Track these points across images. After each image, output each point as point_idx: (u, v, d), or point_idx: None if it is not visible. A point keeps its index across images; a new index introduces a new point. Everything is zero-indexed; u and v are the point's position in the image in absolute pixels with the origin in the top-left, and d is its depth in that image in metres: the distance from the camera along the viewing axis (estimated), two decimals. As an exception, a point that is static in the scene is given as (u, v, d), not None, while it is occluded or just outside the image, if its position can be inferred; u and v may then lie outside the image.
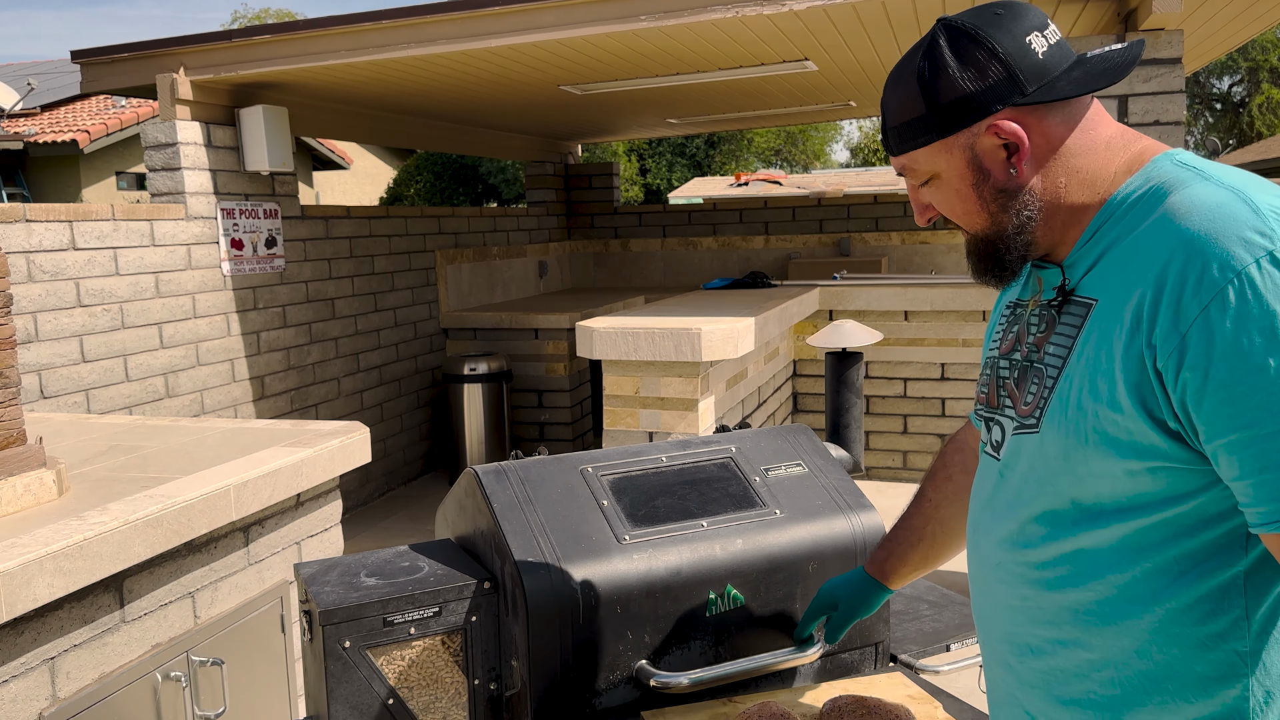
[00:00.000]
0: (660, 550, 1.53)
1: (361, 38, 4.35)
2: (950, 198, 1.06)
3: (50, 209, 3.99)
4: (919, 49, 1.04)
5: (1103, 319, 0.96)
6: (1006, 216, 1.03)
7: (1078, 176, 1.01)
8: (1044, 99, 0.99)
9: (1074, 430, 0.97)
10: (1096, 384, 0.94)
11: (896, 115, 1.06)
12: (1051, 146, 1.01)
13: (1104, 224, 1.00)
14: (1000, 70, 0.99)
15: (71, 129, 11.44)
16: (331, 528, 2.76)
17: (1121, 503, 0.96)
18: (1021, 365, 1.08)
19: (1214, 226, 0.88)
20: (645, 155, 18.27)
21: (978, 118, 1.00)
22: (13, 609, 1.73)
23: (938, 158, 1.04)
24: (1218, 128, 25.00)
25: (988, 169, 1.02)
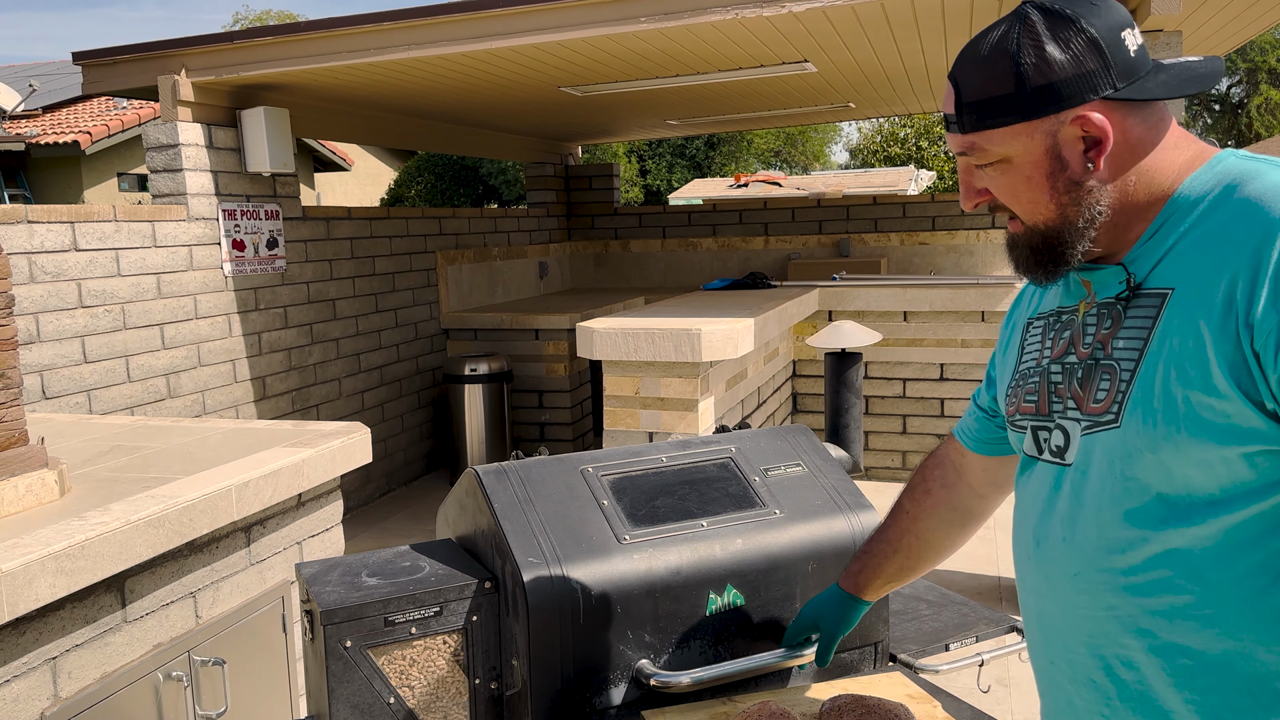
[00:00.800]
0: (660, 550, 1.53)
1: (362, 39, 4.36)
2: (1018, 185, 1.03)
3: (52, 210, 4.00)
4: (1008, 26, 1.00)
5: (1184, 305, 0.94)
6: (1076, 210, 1.01)
7: (1146, 175, 1.00)
8: (1134, 96, 0.97)
9: (1163, 418, 0.94)
10: (1186, 369, 0.92)
11: (976, 91, 1.02)
12: (1128, 145, 1.00)
13: (1169, 219, 0.99)
14: (1096, 60, 0.97)
15: (73, 130, 11.45)
16: (332, 528, 2.76)
17: (1215, 495, 0.93)
18: (1086, 365, 1.05)
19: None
20: (645, 156, 18.27)
21: (1068, 105, 0.98)
22: (14, 609, 1.73)
23: (1015, 141, 1.01)
24: (1216, 129, 25.00)
25: (1066, 159, 1.00)
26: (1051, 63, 0.97)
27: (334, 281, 5.80)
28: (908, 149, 18.23)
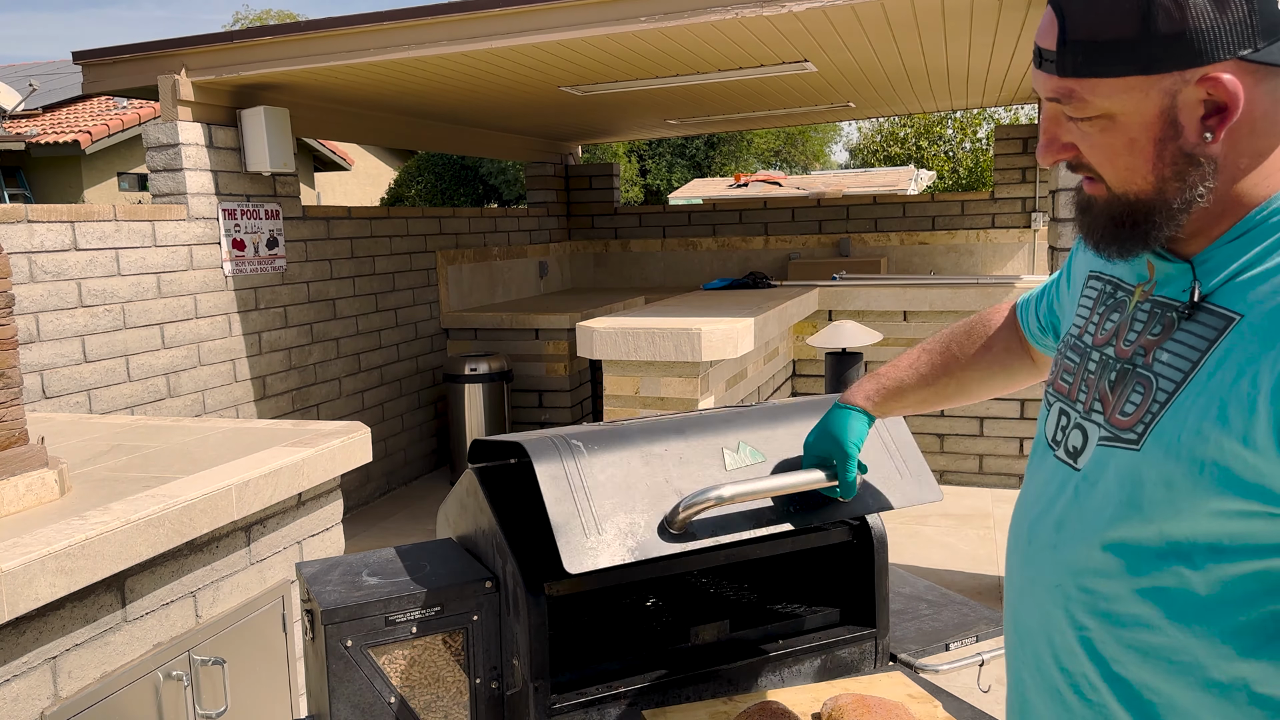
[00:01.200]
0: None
1: (363, 39, 4.36)
2: (1116, 146, 0.87)
3: (52, 209, 4.00)
4: None
5: (1250, 340, 0.81)
6: (1177, 187, 0.86)
7: (1258, 161, 0.85)
8: (1275, 60, 0.81)
9: (1187, 457, 0.83)
10: (1228, 412, 0.81)
11: (1089, 28, 0.84)
12: (1251, 120, 0.83)
13: (1258, 227, 0.86)
14: (1242, 10, 0.80)
15: (73, 130, 11.45)
16: (333, 527, 2.76)
17: (1220, 544, 0.83)
18: (1122, 367, 0.94)
19: None
20: (645, 156, 18.28)
21: (1198, 62, 0.81)
22: (14, 608, 1.73)
23: (1126, 96, 0.85)
24: (1218, 128, 24.98)
25: (1181, 125, 0.84)
26: (1190, 6, 0.80)
27: (334, 281, 5.80)
28: (908, 149, 18.24)
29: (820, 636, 1.67)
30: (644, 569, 1.58)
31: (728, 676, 1.59)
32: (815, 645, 1.65)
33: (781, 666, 1.63)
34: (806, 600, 1.78)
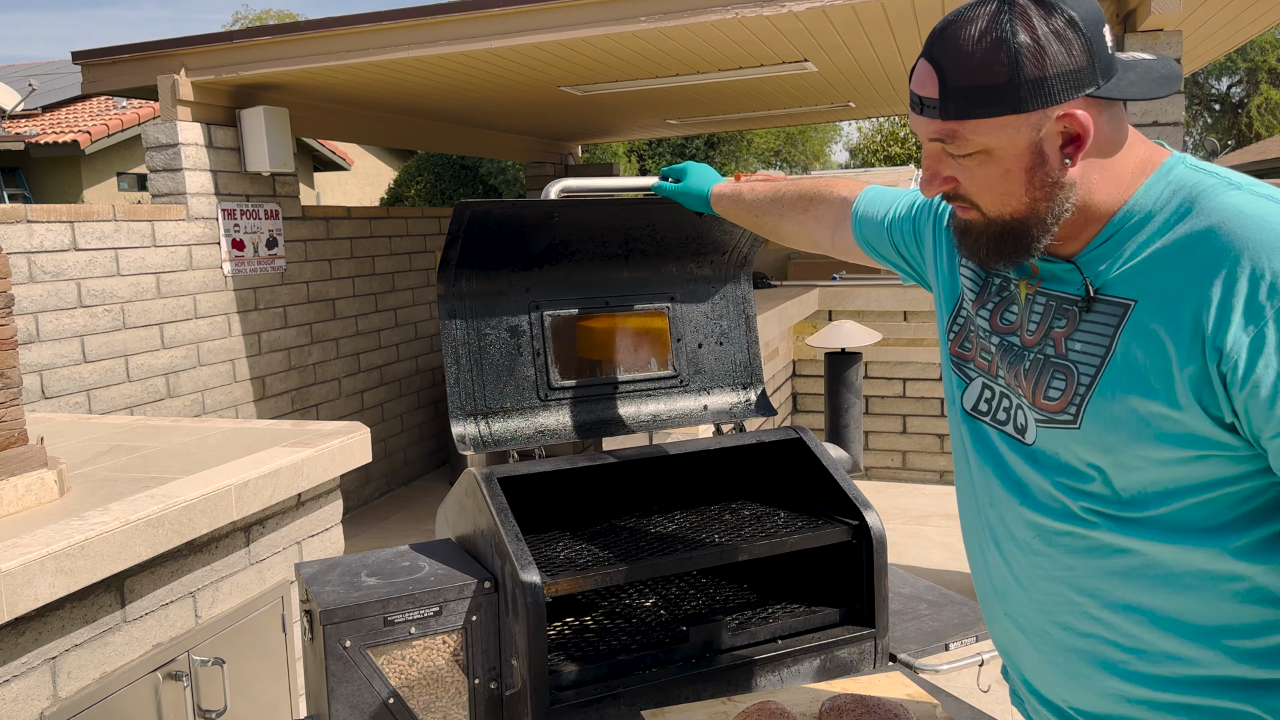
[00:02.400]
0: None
1: (362, 39, 4.35)
2: (993, 176, 1.02)
3: (51, 210, 4.00)
4: (1000, 10, 0.97)
5: (1147, 319, 0.97)
6: (1046, 206, 1.01)
7: (1106, 175, 1.01)
8: (1114, 95, 0.98)
9: (1125, 425, 0.98)
10: (1151, 382, 0.96)
11: (965, 77, 0.98)
12: (1099, 143, 1.00)
13: (1124, 226, 1.01)
14: (1086, 55, 0.96)
15: (73, 130, 11.45)
16: (332, 528, 2.76)
17: (1170, 489, 0.98)
18: (1035, 356, 1.08)
19: (1265, 232, 0.91)
20: (645, 156, 18.27)
21: (1058, 100, 0.96)
22: (14, 609, 1.73)
23: (1001, 133, 0.99)
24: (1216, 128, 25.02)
25: (1046, 154, 0.99)
26: (1047, 54, 0.95)
27: (334, 281, 5.80)
28: (908, 148, 18.23)
29: (820, 636, 1.67)
30: (643, 568, 1.58)
31: (727, 676, 1.59)
32: (815, 645, 1.65)
33: (781, 666, 1.63)
34: (806, 600, 1.78)
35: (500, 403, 1.71)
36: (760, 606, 1.78)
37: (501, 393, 1.71)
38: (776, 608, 1.76)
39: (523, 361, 1.74)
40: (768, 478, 1.97)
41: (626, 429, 1.81)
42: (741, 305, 1.95)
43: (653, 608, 1.83)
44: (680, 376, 1.88)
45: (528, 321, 1.74)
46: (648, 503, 1.97)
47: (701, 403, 1.89)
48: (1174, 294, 0.95)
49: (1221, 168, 1.01)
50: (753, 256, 1.97)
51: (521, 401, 1.73)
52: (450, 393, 1.67)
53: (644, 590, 1.91)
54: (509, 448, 1.70)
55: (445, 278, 1.67)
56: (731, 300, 1.94)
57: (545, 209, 1.68)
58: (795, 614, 1.72)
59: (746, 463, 2.00)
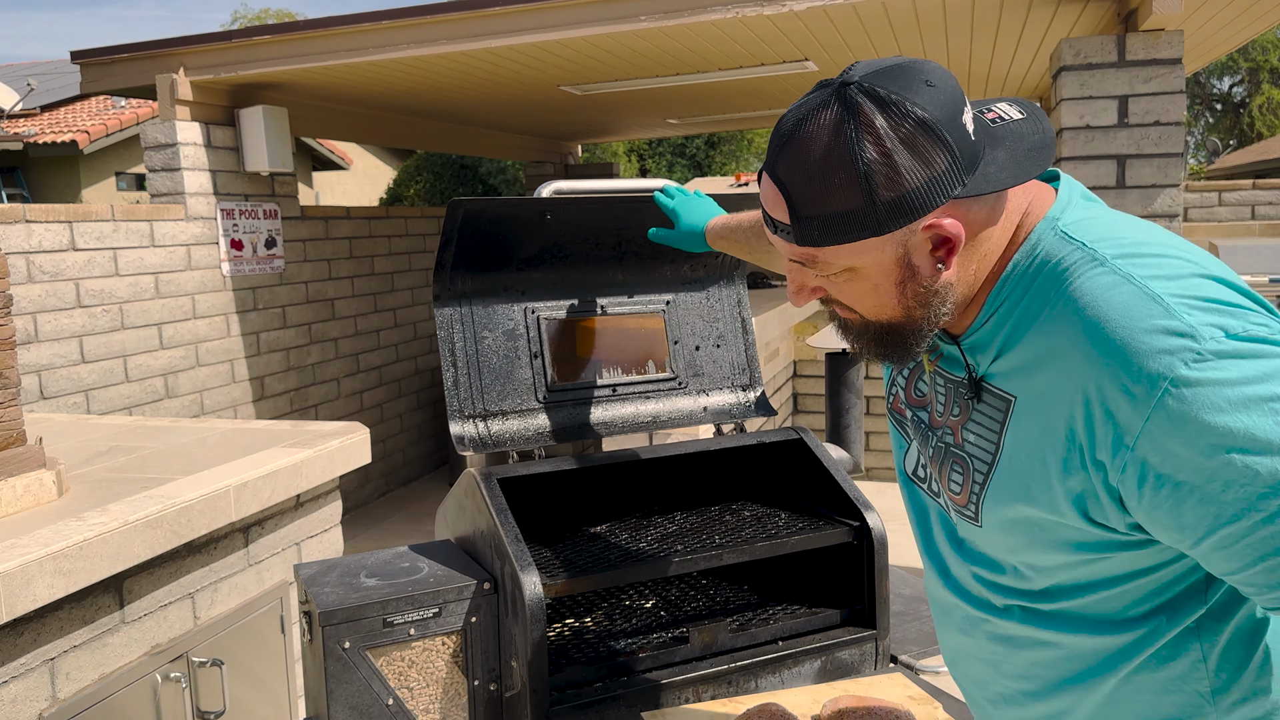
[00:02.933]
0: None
1: (361, 38, 4.35)
2: (862, 291, 0.94)
3: (50, 209, 3.99)
4: (839, 122, 0.86)
5: (1026, 421, 0.91)
6: (922, 312, 0.93)
7: (985, 260, 0.93)
8: (982, 191, 0.88)
9: (1019, 529, 0.94)
10: (1032, 490, 0.90)
11: (815, 205, 0.88)
12: (974, 235, 0.91)
13: (1001, 305, 0.93)
14: (945, 159, 0.86)
15: (71, 129, 11.44)
16: (331, 528, 2.76)
17: (1083, 583, 0.94)
18: (938, 444, 1.03)
19: (1130, 335, 0.82)
20: (645, 155, 18.27)
21: (920, 214, 0.87)
22: (13, 610, 1.73)
23: (864, 254, 0.90)
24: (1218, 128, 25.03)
25: (916, 266, 0.91)
26: (901, 171, 0.85)
27: (333, 281, 5.79)
28: (907, 148, 18.22)
29: (821, 638, 1.66)
30: (644, 569, 1.58)
31: (728, 678, 1.58)
32: (815, 646, 1.65)
33: (781, 668, 1.62)
34: (807, 602, 1.77)
35: (499, 404, 1.71)
36: (761, 608, 1.77)
37: (500, 394, 1.71)
38: (777, 609, 1.76)
39: (520, 363, 1.73)
40: (768, 478, 1.97)
41: (626, 430, 1.80)
42: (737, 308, 1.94)
43: (653, 609, 1.82)
44: (679, 379, 1.87)
45: (524, 324, 1.74)
46: (648, 503, 1.96)
47: (701, 404, 1.89)
48: (1048, 397, 0.88)
49: (1102, 224, 0.92)
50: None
51: (520, 403, 1.72)
52: (448, 394, 1.67)
53: (644, 591, 1.91)
54: (508, 448, 1.69)
55: (441, 279, 1.67)
56: (727, 303, 1.94)
57: (538, 207, 1.68)
58: (796, 615, 1.71)
59: (747, 463, 1.99)
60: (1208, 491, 0.81)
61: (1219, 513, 0.81)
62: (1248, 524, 0.80)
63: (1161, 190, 3.59)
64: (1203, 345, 0.80)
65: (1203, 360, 0.80)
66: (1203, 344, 0.80)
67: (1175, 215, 3.59)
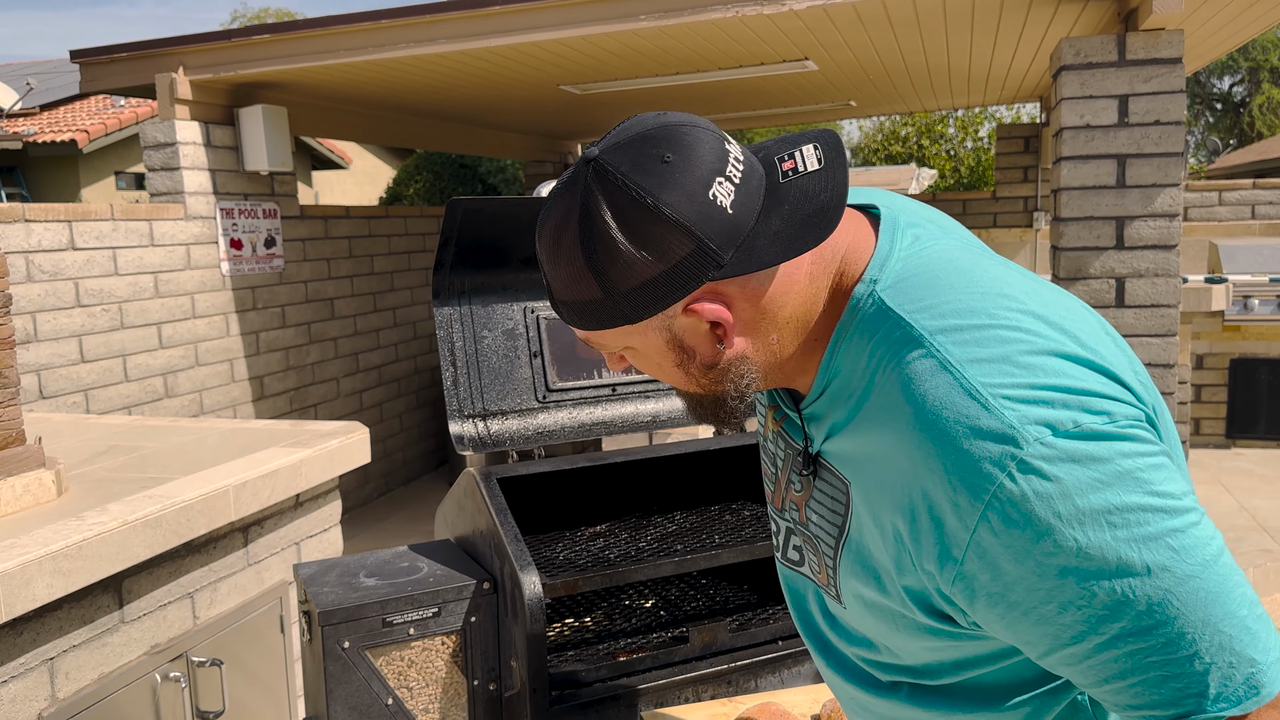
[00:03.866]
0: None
1: (361, 37, 4.35)
2: (650, 367, 0.89)
3: (49, 209, 3.99)
4: (569, 218, 0.81)
5: (860, 513, 0.84)
6: (722, 386, 0.87)
7: (790, 327, 0.85)
8: (746, 270, 0.80)
9: (876, 614, 0.87)
10: (878, 577, 0.84)
11: (566, 292, 0.83)
12: (758, 308, 0.83)
13: (830, 384, 0.86)
14: (687, 244, 0.78)
15: (70, 129, 11.43)
16: (331, 528, 2.76)
17: (958, 660, 0.87)
18: (787, 518, 0.97)
19: (948, 440, 0.74)
20: (645, 155, 18.24)
21: (670, 302, 0.81)
22: (12, 609, 1.72)
23: (630, 338, 0.85)
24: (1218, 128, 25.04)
25: (691, 347, 0.85)
26: (633, 265, 0.79)
27: (332, 281, 5.79)
28: (909, 147, 18.24)
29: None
30: (644, 569, 1.57)
31: (727, 678, 1.58)
32: (815, 646, 1.64)
33: (781, 667, 1.62)
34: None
35: (498, 404, 1.70)
36: (760, 607, 1.77)
37: (499, 394, 1.71)
38: (777, 609, 1.76)
39: (520, 363, 1.73)
40: (768, 478, 1.96)
41: (626, 430, 1.80)
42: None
43: (653, 609, 1.82)
44: (680, 376, 1.87)
45: (524, 323, 1.74)
46: (648, 503, 1.96)
47: (701, 403, 1.88)
48: (875, 495, 0.81)
49: (914, 285, 0.82)
50: None
51: (520, 402, 1.72)
52: (448, 394, 1.66)
53: (644, 591, 1.91)
54: (508, 448, 1.69)
55: (440, 279, 1.66)
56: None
57: (537, 207, 1.68)
58: (796, 615, 1.71)
59: (747, 463, 1.99)
60: (1042, 614, 0.74)
61: (1057, 634, 0.75)
62: (1087, 647, 0.74)
63: (1161, 190, 3.59)
64: (1026, 451, 0.72)
65: (1027, 469, 0.72)
66: (1026, 448, 0.72)
67: (1175, 215, 3.59)
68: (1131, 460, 0.73)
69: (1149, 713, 0.75)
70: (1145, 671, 0.73)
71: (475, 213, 1.61)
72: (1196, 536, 0.73)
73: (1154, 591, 0.71)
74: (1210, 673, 0.72)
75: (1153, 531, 0.72)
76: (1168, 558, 0.71)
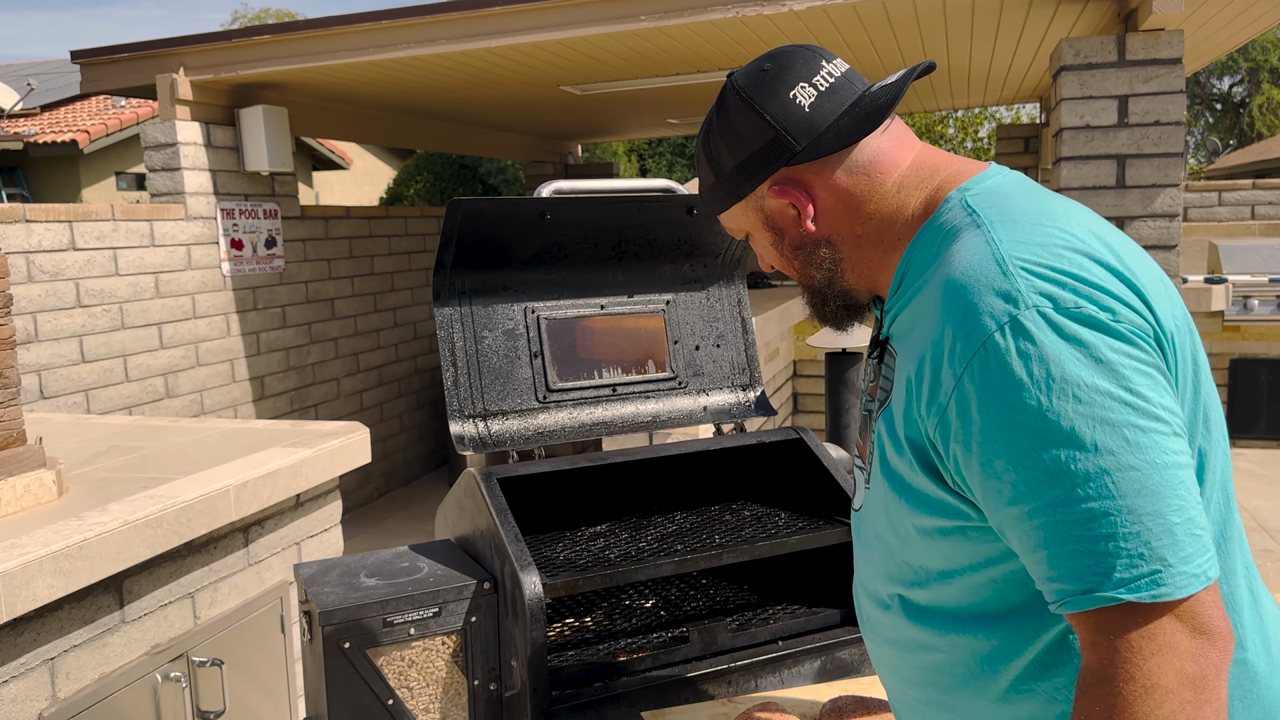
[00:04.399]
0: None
1: (361, 38, 4.35)
2: (765, 253, 1.08)
3: (50, 209, 3.99)
4: (707, 119, 1.05)
5: (900, 377, 0.92)
6: (812, 270, 1.03)
7: (874, 224, 0.98)
8: (812, 157, 0.97)
9: (888, 484, 0.94)
10: (899, 439, 0.91)
11: (700, 182, 1.08)
12: (839, 198, 0.98)
13: (907, 271, 0.96)
14: (766, 133, 0.97)
15: (71, 129, 11.44)
16: (331, 528, 2.76)
17: (943, 565, 0.92)
18: (862, 411, 1.07)
19: (965, 291, 0.83)
20: (645, 155, 18.27)
21: (757, 182, 1.00)
22: (13, 609, 1.73)
23: (741, 219, 1.05)
24: (1218, 128, 25.03)
25: (781, 228, 1.02)
26: (729, 147, 1.00)
27: (332, 281, 5.79)
28: (907, 148, 18.23)
29: (820, 638, 1.66)
30: (644, 569, 1.58)
31: (727, 678, 1.58)
32: (815, 646, 1.65)
33: (781, 667, 1.62)
34: (807, 601, 1.77)
35: (499, 404, 1.71)
36: (761, 607, 1.77)
37: (500, 394, 1.71)
38: (777, 609, 1.76)
39: (520, 363, 1.73)
40: (768, 478, 1.97)
41: (626, 430, 1.80)
42: (737, 308, 1.94)
43: (653, 609, 1.82)
44: (679, 378, 1.87)
45: (524, 323, 1.74)
46: (648, 503, 1.96)
47: (701, 403, 1.89)
48: (909, 349, 0.91)
49: (997, 196, 0.92)
50: (745, 259, 1.96)
51: (520, 402, 1.72)
52: (448, 394, 1.67)
53: (644, 591, 1.91)
54: (508, 448, 1.69)
55: (440, 280, 1.67)
56: (726, 302, 1.94)
57: (537, 207, 1.68)
58: (796, 615, 1.71)
59: (747, 463, 1.99)
60: (994, 468, 0.80)
61: (1000, 489, 0.80)
62: (1024, 509, 0.79)
63: (1161, 190, 3.59)
64: (1023, 313, 0.79)
65: (1019, 328, 0.79)
66: (1024, 311, 0.79)
67: (1175, 215, 3.59)
68: (1117, 355, 0.78)
69: (1059, 585, 0.79)
70: (1063, 544, 0.77)
71: (476, 213, 1.61)
72: (1157, 442, 0.77)
73: (1092, 468, 0.76)
74: (1119, 556, 0.76)
75: (1113, 419, 0.76)
76: (1117, 444, 0.76)
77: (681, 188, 1.80)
